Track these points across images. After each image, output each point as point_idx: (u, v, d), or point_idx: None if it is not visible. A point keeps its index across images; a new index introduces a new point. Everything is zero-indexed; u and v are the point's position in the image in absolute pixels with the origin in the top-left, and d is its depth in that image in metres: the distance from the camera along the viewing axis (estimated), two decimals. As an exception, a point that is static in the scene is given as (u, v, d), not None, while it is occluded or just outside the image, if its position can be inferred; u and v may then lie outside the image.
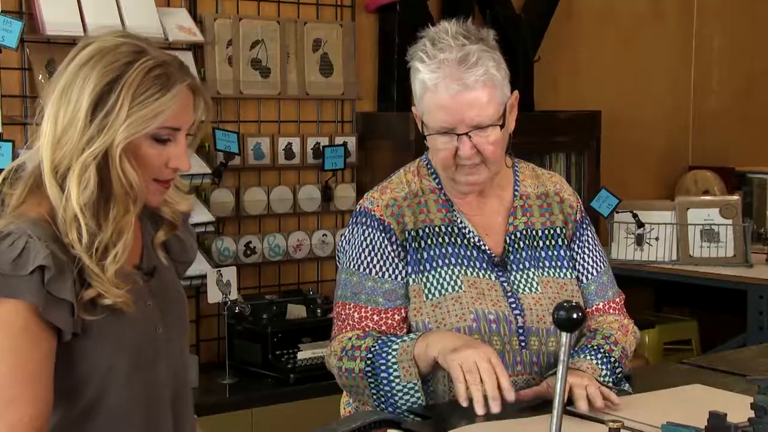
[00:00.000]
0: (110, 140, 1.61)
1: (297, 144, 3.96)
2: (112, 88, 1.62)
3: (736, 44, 5.62)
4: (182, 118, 1.68)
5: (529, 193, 2.17)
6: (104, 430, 1.68)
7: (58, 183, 1.62)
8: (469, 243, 2.08)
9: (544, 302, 2.05)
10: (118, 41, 1.68)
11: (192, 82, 1.71)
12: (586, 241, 2.18)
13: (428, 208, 2.09)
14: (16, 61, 3.40)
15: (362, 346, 1.99)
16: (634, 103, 5.21)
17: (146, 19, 3.54)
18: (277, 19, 3.94)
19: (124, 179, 1.63)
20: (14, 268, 1.56)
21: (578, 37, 5.00)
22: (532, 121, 4.55)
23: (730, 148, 5.47)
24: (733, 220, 4.43)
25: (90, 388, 1.67)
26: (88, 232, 1.60)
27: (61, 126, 1.63)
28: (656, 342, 4.57)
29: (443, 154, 2.01)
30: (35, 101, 3.40)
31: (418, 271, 2.06)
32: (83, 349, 1.65)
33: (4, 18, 3.23)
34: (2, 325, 1.58)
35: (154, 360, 1.73)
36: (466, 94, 1.95)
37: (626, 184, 4.96)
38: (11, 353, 1.58)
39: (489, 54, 2.00)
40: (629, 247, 4.55)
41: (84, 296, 1.62)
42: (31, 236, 1.58)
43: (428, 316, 2.03)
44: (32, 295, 1.57)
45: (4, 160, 3.23)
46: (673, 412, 1.69)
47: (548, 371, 2.00)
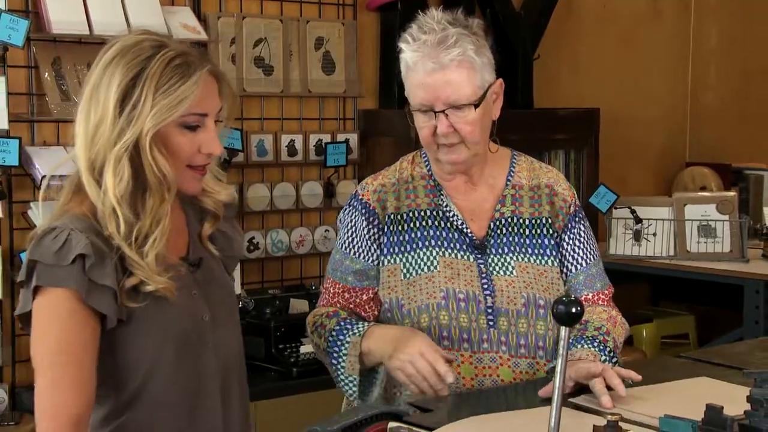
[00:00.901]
0: (139, 131, 1.66)
1: (299, 141, 3.97)
2: (136, 82, 1.67)
3: (733, 43, 5.62)
4: (207, 104, 1.72)
5: (523, 185, 2.22)
6: (149, 418, 1.71)
7: (96, 179, 1.67)
8: (452, 226, 2.15)
9: (518, 285, 2.11)
10: (139, 38, 1.73)
11: (213, 68, 1.74)
12: (577, 234, 2.22)
13: (416, 194, 2.17)
14: (23, 59, 3.40)
15: (327, 326, 2.11)
16: (633, 100, 5.21)
17: (151, 17, 3.54)
18: (280, 18, 3.94)
19: (156, 168, 1.67)
20: (57, 258, 1.63)
21: (577, 35, 5.00)
22: (532, 118, 4.55)
23: (726, 145, 5.47)
24: (729, 216, 4.43)
25: (136, 375, 1.70)
26: (126, 222, 1.65)
27: (92, 124, 1.68)
28: (654, 336, 4.58)
29: (424, 132, 2.09)
30: (42, 98, 3.41)
31: (398, 252, 2.13)
32: (128, 336, 1.69)
33: (11, 17, 3.23)
34: (48, 311, 1.64)
35: (201, 348, 1.75)
36: (442, 73, 2.03)
37: (624, 181, 4.96)
38: (56, 337, 1.64)
39: (469, 38, 2.07)
40: (627, 243, 4.56)
41: (126, 284, 1.66)
42: (73, 229, 1.64)
43: (401, 293, 2.11)
44: (74, 282, 1.62)
45: (11, 157, 3.24)
46: (677, 405, 1.68)
47: (517, 350, 2.07)
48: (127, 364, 1.70)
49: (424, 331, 2.06)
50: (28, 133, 3.42)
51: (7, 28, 3.21)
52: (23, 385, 3.40)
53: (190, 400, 1.73)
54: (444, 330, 2.07)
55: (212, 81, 1.74)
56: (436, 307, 2.07)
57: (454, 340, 2.07)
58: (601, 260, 2.28)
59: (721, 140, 5.49)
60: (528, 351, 2.09)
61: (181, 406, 1.73)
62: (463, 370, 2.07)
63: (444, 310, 2.07)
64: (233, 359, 1.84)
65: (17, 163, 3.27)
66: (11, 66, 3.34)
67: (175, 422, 1.72)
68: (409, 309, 2.10)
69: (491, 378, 2.07)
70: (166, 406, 1.71)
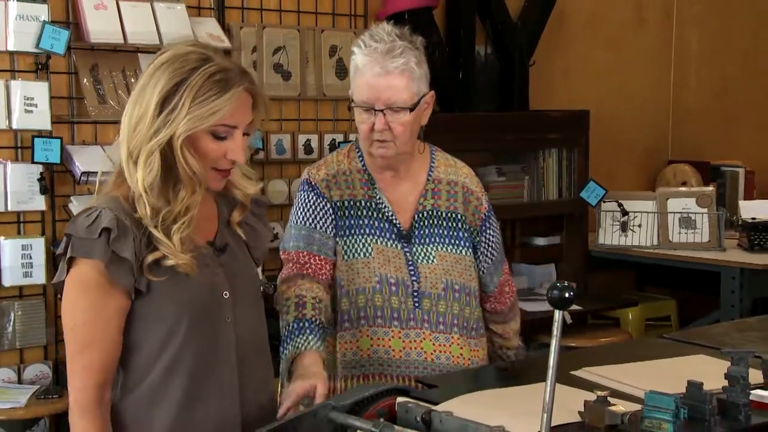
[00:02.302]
0: (172, 132, 1.69)
1: (315, 140, 3.98)
2: (177, 89, 1.69)
3: (712, 50, 5.61)
4: (238, 118, 1.74)
5: (441, 179, 2.29)
6: (165, 381, 1.73)
7: (132, 166, 1.71)
8: (383, 217, 2.23)
9: (438, 272, 2.22)
10: (188, 50, 1.75)
11: (250, 86, 1.76)
12: (488, 239, 2.32)
13: (353, 185, 2.25)
14: (64, 66, 3.42)
15: (286, 318, 2.08)
16: (619, 103, 5.20)
17: (179, 27, 3.55)
18: (297, 28, 3.95)
19: (186, 166, 1.71)
20: (88, 233, 1.67)
21: (569, 43, 5.00)
22: (527, 119, 4.55)
23: (706, 144, 5.47)
24: (708, 209, 4.44)
25: (155, 340, 1.73)
26: (151, 207, 1.69)
27: (135, 119, 1.71)
28: (638, 318, 4.58)
29: (363, 127, 2.17)
30: (81, 102, 3.43)
31: (341, 236, 2.22)
32: (149, 306, 1.72)
33: (54, 28, 3.25)
34: (80, 280, 1.69)
35: (219, 321, 1.77)
36: (386, 78, 2.12)
37: (612, 177, 4.96)
38: (87, 304, 1.68)
39: (413, 52, 2.16)
40: (615, 233, 4.56)
41: (149, 257, 1.69)
42: (104, 208, 1.69)
43: (344, 274, 2.21)
44: (100, 254, 1.66)
45: (53, 155, 3.26)
46: (666, 381, 1.69)
47: (437, 326, 2.20)
48: (147, 332, 1.73)
49: (361, 310, 2.18)
50: (68, 134, 3.44)
51: (50, 38, 3.23)
52: (65, 362, 3.42)
53: (205, 367, 1.75)
54: (378, 310, 2.18)
55: (247, 97, 1.76)
56: (371, 291, 2.18)
57: (386, 318, 2.18)
58: (501, 248, 2.38)
59: (701, 139, 5.49)
60: (446, 327, 2.21)
61: (195, 372, 1.74)
62: (393, 344, 2.18)
63: (378, 293, 2.18)
64: (252, 335, 1.85)
65: (59, 160, 3.29)
66: (53, 72, 3.36)
67: (190, 387, 1.74)
68: (347, 290, 2.20)
69: (416, 350, 2.18)
70: (182, 371, 1.73)
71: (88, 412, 1.69)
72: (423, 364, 2.17)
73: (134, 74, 3.51)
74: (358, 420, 1.57)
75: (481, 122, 4.34)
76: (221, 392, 1.77)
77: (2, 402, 3.13)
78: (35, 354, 3.41)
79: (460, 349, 2.21)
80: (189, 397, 1.74)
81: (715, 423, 1.57)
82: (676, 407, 1.52)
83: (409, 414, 1.58)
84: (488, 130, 4.31)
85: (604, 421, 1.53)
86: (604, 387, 1.70)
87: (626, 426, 1.52)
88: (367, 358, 2.16)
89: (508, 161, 4.51)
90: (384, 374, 2.17)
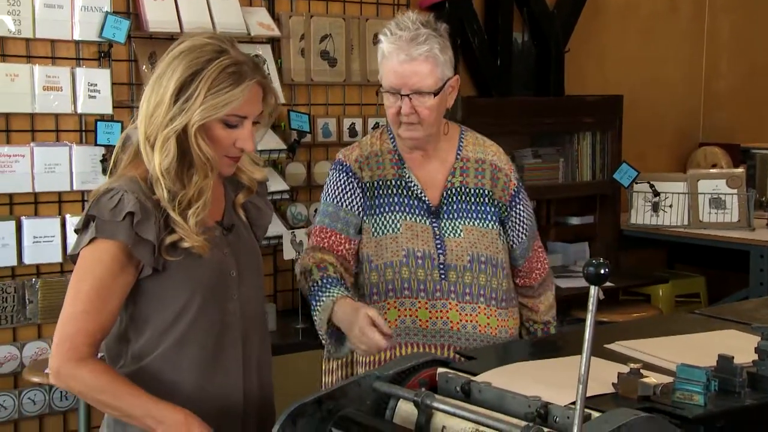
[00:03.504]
0: (187, 120, 1.70)
1: (359, 124, 3.97)
2: (193, 79, 1.70)
3: (743, 37, 5.50)
4: (249, 109, 1.75)
5: (469, 157, 2.28)
6: (176, 354, 1.75)
7: (149, 150, 1.72)
8: (413, 194, 2.22)
9: (465, 245, 2.21)
10: (205, 41, 1.75)
11: (261, 80, 1.76)
12: (517, 214, 2.30)
13: (384, 165, 2.25)
14: (125, 54, 3.45)
15: (312, 277, 2.12)
16: (652, 87, 5.13)
17: (232, 17, 3.56)
18: (343, 17, 3.94)
19: (200, 152, 1.72)
20: (112, 215, 1.68)
21: (603, 30, 4.93)
22: (562, 104, 4.51)
23: (736, 127, 5.37)
24: (738, 190, 4.37)
25: (166, 316, 1.74)
26: (168, 190, 1.70)
27: (152, 105, 1.72)
28: (669, 295, 4.53)
29: (391, 111, 2.16)
30: (140, 88, 3.45)
31: (370, 215, 2.22)
32: (163, 283, 1.73)
33: (115, 18, 3.27)
34: (97, 257, 1.69)
35: (227, 299, 1.79)
36: (410, 64, 2.11)
37: (644, 159, 4.90)
38: (94, 277, 1.68)
39: (437, 39, 2.14)
40: (646, 213, 4.51)
41: (167, 239, 1.70)
42: (126, 191, 1.70)
43: (371, 249, 2.21)
44: (125, 236, 1.67)
45: (115, 138, 3.29)
46: (699, 354, 1.67)
47: (463, 297, 2.19)
48: (160, 307, 1.74)
49: (388, 283, 2.17)
50: (128, 117, 3.46)
51: (111, 28, 3.26)
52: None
53: (213, 342, 1.77)
54: (405, 282, 2.18)
55: (258, 90, 1.76)
56: (398, 264, 2.18)
57: (413, 290, 2.18)
58: (534, 223, 2.36)
59: (731, 123, 5.39)
60: (472, 298, 2.19)
61: (205, 346, 1.76)
62: (420, 314, 2.18)
63: (405, 266, 2.18)
64: (254, 312, 1.86)
65: (120, 143, 3.32)
66: (115, 60, 3.39)
67: (200, 360, 1.75)
68: (376, 264, 2.20)
69: (442, 320, 2.18)
70: (192, 344, 1.75)
71: (87, 358, 1.67)
72: (449, 333, 2.18)
73: (189, 61, 3.53)
74: (401, 389, 1.56)
75: (518, 107, 4.30)
76: (228, 365, 1.79)
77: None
78: (99, 324, 3.45)
79: (487, 319, 2.20)
80: (199, 369, 1.75)
81: (745, 395, 1.54)
82: (707, 380, 1.49)
83: (450, 384, 1.57)
84: (525, 114, 4.28)
85: (637, 392, 1.51)
86: (637, 360, 1.69)
87: (658, 397, 1.50)
88: (395, 328, 2.16)
89: (544, 144, 4.48)
90: (411, 343, 2.18)
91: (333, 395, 1.54)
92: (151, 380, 1.72)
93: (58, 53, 3.31)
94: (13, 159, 3.19)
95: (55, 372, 1.68)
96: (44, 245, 3.24)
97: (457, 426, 1.46)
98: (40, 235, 3.24)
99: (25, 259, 3.22)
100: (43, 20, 3.20)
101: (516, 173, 2.33)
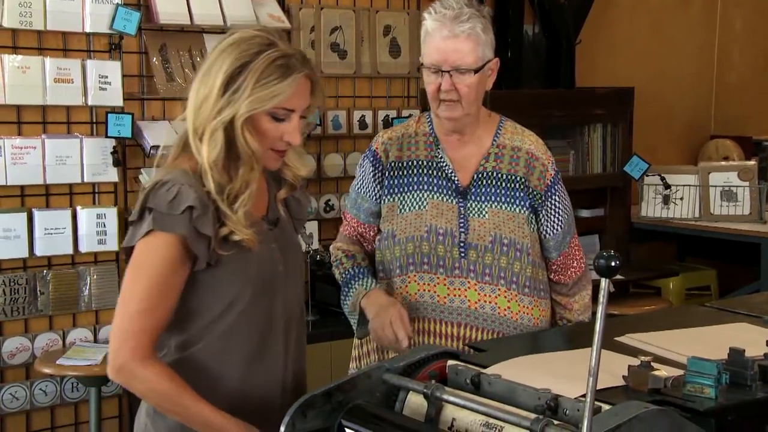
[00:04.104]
0: (234, 112, 1.69)
1: (369, 116, 3.96)
2: (241, 71, 1.69)
3: (755, 29, 5.47)
4: (296, 102, 1.73)
5: (506, 144, 2.30)
6: (222, 346, 1.75)
7: (198, 143, 1.72)
8: (443, 174, 2.26)
9: (488, 226, 2.22)
10: (253, 34, 1.74)
11: (309, 73, 1.75)
12: (552, 204, 2.29)
13: (417, 146, 2.29)
14: (135, 46, 3.45)
15: (345, 264, 2.32)
16: (663, 80, 5.10)
17: (242, 8, 3.56)
18: (353, 9, 3.93)
19: (246, 145, 1.71)
20: (170, 208, 1.67)
21: (614, 22, 4.90)
22: (573, 96, 4.49)
23: (748, 119, 5.34)
24: (749, 183, 4.34)
25: (215, 309, 1.74)
26: (216, 182, 1.70)
27: (201, 97, 1.72)
28: (679, 288, 4.51)
29: (431, 88, 2.19)
30: (151, 80, 3.46)
31: (396, 192, 2.27)
32: (215, 277, 1.73)
33: (126, 10, 3.28)
34: (156, 251, 1.68)
35: (273, 292, 1.79)
36: (453, 41, 2.14)
37: (655, 151, 4.87)
38: (154, 272, 1.67)
39: (479, 19, 2.18)
40: (657, 206, 4.49)
41: (219, 233, 1.70)
42: (183, 183, 1.69)
43: (396, 225, 2.25)
44: (184, 229, 1.66)
45: (125, 130, 3.30)
46: (709, 347, 1.66)
47: (483, 277, 2.20)
48: (209, 300, 1.74)
49: (409, 257, 2.22)
50: (139, 110, 3.47)
51: (122, 20, 3.26)
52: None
53: (258, 336, 1.77)
54: (425, 257, 2.21)
55: (306, 84, 1.75)
56: (419, 239, 2.22)
57: (432, 265, 2.20)
58: (571, 215, 2.36)
59: (743, 115, 5.36)
60: (492, 279, 2.20)
61: (250, 340, 1.76)
62: (438, 290, 2.20)
63: (425, 241, 2.21)
64: (296, 306, 1.86)
65: (130, 135, 3.33)
66: (125, 52, 3.39)
67: (245, 352, 1.75)
68: (399, 239, 2.24)
69: (460, 298, 2.19)
70: (238, 337, 1.74)
71: (150, 358, 1.67)
72: (466, 312, 2.18)
73: (200, 53, 3.53)
74: (410, 381, 1.56)
75: (528, 99, 4.29)
76: (270, 359, 1.79)
77: (80, 359, 3.20)
78: (109, 316, 3.44)
79: (507, 302, 2.20)
80: (244, 362, 1.75)
81: (756, 388, 1.54)
82: (718, 372, 1.49)
83: (459, 376, 1.57)
84: (535, 107, 4.26)
85: (648, 385, 1.51)
86: (648, 353, 1.68)
87: (669, 390, 1.50)
88: (414, 302, 2.20)
89: (555, 136, 4.46)
90: (428, 318, 2.19)
91: (343, 387, 1.54)
92: (194, 371, 1.72)
93: (69, 45, 3.32)
94: (24, 151, 3.21)
95: (118, 369, 1.67)
96: (55, 237, 3.26)
97: (467, 418, 1.46)
98: (51, 227, 3.25)
99: (36, 250, 3.24)
100: (54, 12, 3.20)
101: (554, 165, 2.33)
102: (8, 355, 3.27)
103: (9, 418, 3.32)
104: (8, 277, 3.25)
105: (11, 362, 3.28)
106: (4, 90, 3.15)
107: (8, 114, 3.25)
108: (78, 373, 3.18)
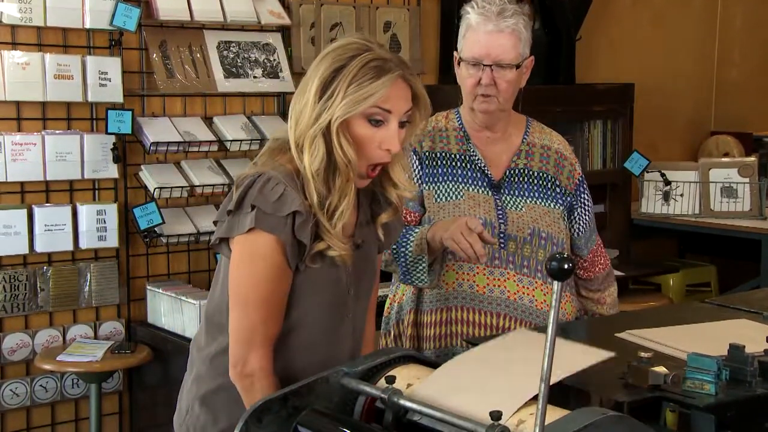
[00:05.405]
0: (330, 117, 1.65)
1: (370, 112, 3.95)
2: (336, 75, 1.65)
3: (756, 25, 5.46)
4: (393, 103, 1.68)
5: (535, 143, 2.32)
6: (292, 354, 1.73)
7: (300, 154, 1.68)
8: (476, 168, 2.26)
9: (526, 219, 2.23)
10: (351, 40, 1.71)
11: (407, 75, 1.69)
12: (581, 203, 2.34)
13: (448, 140, 2.29)
14: (135, 42, 3.45)
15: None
16: (664, 76, 5.10)
17: (242, 5, 3.55)
18: (353, 5, 3.92)
19: (341, 153, 1.66)
20: (275, 209, 1.63)
21: (615, 18, 4.90)
22: (574, 92, 4.48)
23: (748, 116, 5.33)
24: (749, 179, 4.34)
25: (289, 320, 1.72)
26: (318, 194, 1.66)
27: (299, 108, 1.69)
28: (679, 284, 4.51)
29: (469, 82, 2.19)
30: (151, 76, 3.45)
31: (431, 182, 2.25)
32: (295, 288, 1.70)
33: (126, 6, 3.27)
34: (263, 256, 1.65)
35: (342, 314, 1.77)
36: (497, 36, 2.16)
37: (656, 148, 4.87)
38: (269, 281, 1.66)
39: (522, 16, 2.21)
40: (657, 202, 4.49)
41: (314, 247, 1.67)
42: (287, 185, 1.65)
43: (434, 214, 2.24)
44: (285, 234, 1.64)
45: (125, 126, 3.30)
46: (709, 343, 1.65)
47: (521, 269, 2.20)
48: (287, 310, 1.71)
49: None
50: (139, 106, 3.47)
51: (122, 16, 3.25)
52: (136, 320, 3.49)
53: (323, 355, 1.73)
54: None
55: (404, 86, 1.69)
56: None
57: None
58: (593, 215, 2.39)
59: (743, 111, 5.35)
60: (530, 271, 2.20)
61: (319, 351, 1.74)
62: (477, 279, 2.19)
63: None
64: (362, 329, 1.84)
65: (130, 131, 3.32)
66: (125, 48, 3.39)
67: (309, 370, 1.69)
68: None
69: (499, 288, 2.19)
70: (309, 347, 1.73)
71: (273, 371, 1.67)
72: (505, 302, 2.18)
73: (200, 50, 3.52)
74: (369, 386, 1.52)
75: (528, 95, 4.26)
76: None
77: (81, 356, 3.20)
78: (109, 312, 3.47)
79: (544, 296, 2.20)
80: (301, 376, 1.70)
81: (756, 384, 1.53)
82: (718, 369, 1.48)
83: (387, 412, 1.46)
84: (535, 103, 4.22)
85: (648, 381, 1.50)
86: (648, 349, 1.67)
87: (669, 386, 1.49)
88: (452, 291, 2.19)
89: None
90: (466, 307, 2.18)
91: (299, 392, 1.51)
92: None
93: (69, 41, 3.32)
94: (24, 147, 3.20)
95: (245, 375, 1.67)
96: (56, 233, 3.25)
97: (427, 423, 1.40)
98: (51, 224, 3.25)
99: (36, 247, 3.24)
100: (54, 8, 3.20)
101: (580, 165, 2.37)
102: (8, 351, 3.27)
103: (9, 415, 3.32)
104: (8, 274, 3.24)
105: (11, 358, 3.28)
106: (4, 86, 3.14)
107: (8, 110, 3.24)
108: (78, 370, 3.18)
